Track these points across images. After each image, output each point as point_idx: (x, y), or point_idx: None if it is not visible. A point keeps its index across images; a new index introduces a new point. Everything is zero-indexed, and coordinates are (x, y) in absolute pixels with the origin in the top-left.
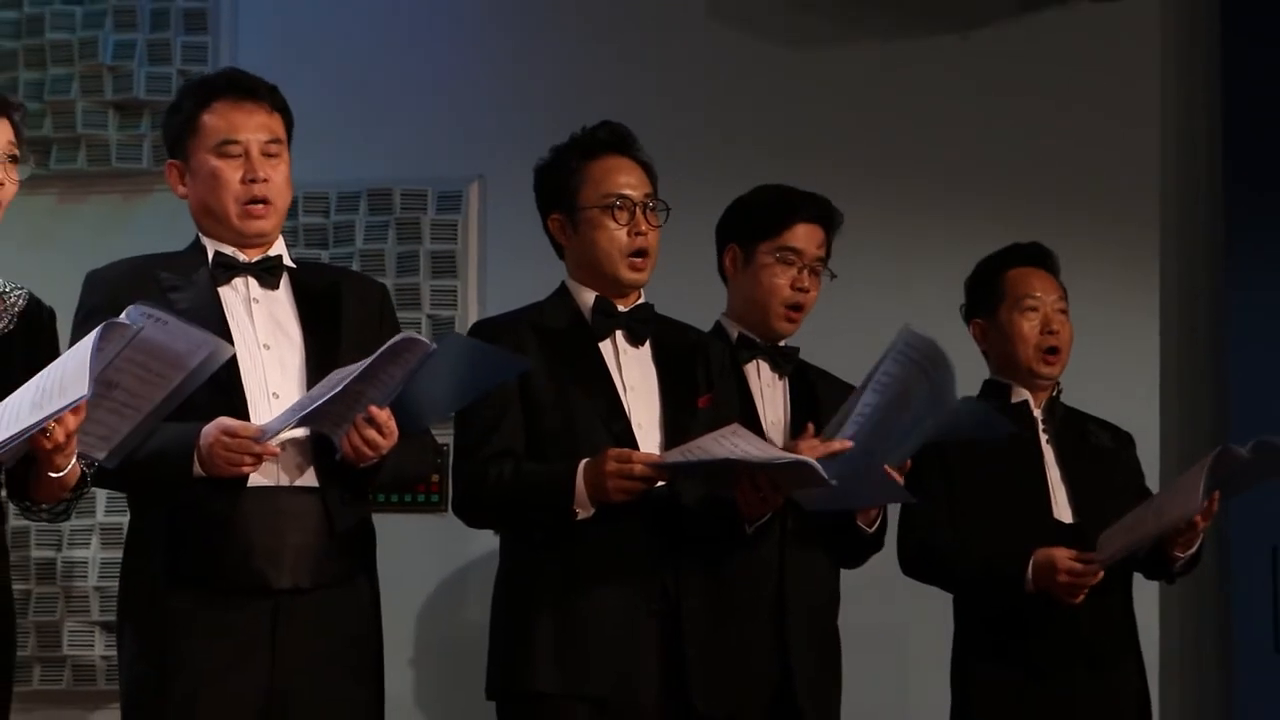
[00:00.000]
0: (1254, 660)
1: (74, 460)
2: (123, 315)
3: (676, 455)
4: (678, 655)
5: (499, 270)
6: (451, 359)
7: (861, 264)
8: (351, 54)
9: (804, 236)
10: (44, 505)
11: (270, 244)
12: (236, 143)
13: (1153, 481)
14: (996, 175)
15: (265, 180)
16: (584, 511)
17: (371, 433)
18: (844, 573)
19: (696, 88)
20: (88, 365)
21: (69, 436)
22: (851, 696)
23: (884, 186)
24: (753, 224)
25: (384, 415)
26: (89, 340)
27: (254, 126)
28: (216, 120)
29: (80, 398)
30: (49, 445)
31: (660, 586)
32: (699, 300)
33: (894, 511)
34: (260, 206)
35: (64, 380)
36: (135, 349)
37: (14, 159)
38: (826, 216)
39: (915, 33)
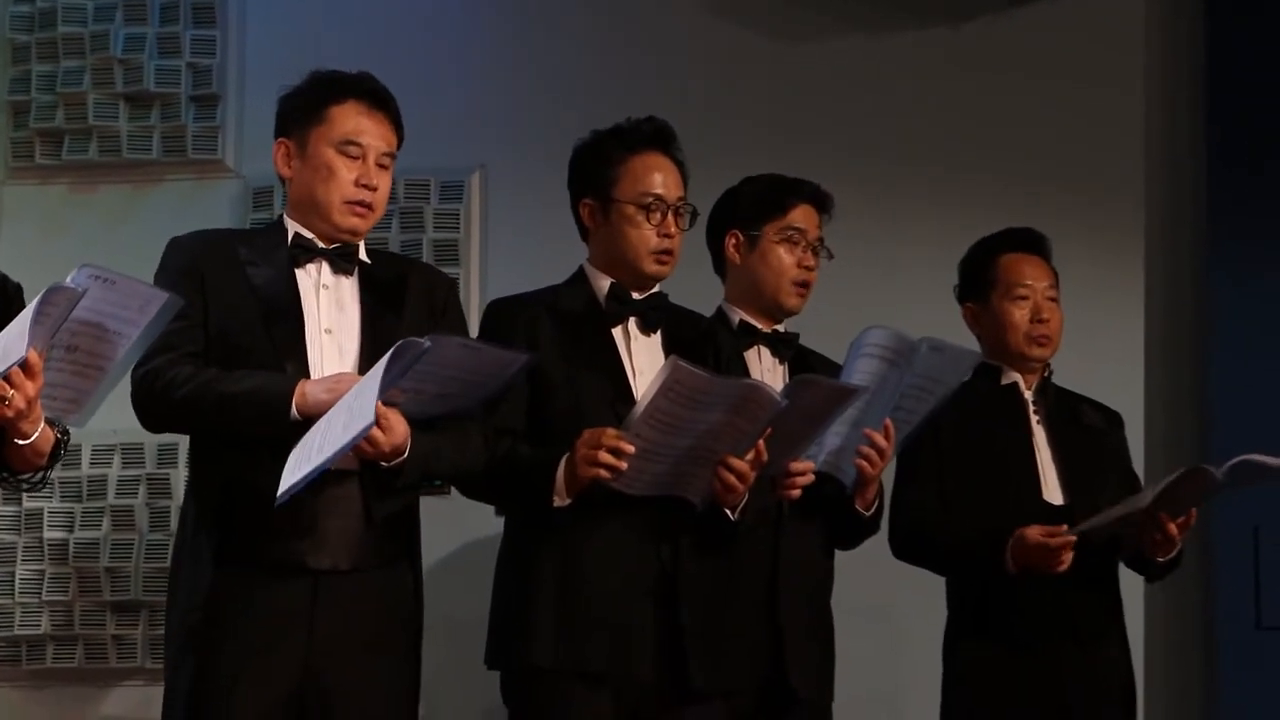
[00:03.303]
0: (1236, 638)
1: (41, 426)
2: (68, 278)
3: (642, 407)
4: (674, 632)
5: (500, 258)
6: (451, 361)
7: (852, 248)
8: (356, 46)
9: (804, 217)
10: (22, 475)
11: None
12: (359, 145)
13: (1138, 463)
14: (985, 162)
15: (375, 188)
16: (559, 500)
17: (374, 431)
18: (837, 550)
19: (694, 78)
20: (27, 328)
21: (29, 403)
22: (844, 673)
23: (875, 173)
24: (756, 207)
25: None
26: (31, 305)
27: (377, 135)
28: (345, 118)
29: (19, 359)
30: (10, 413)
31: (658, 565)
32: (691, 286)
33: (888, 494)
34: (362, 208)
35: (6, 346)
36: (86, 309)
37: None
38: (821, 199)
39: (906, 25)
